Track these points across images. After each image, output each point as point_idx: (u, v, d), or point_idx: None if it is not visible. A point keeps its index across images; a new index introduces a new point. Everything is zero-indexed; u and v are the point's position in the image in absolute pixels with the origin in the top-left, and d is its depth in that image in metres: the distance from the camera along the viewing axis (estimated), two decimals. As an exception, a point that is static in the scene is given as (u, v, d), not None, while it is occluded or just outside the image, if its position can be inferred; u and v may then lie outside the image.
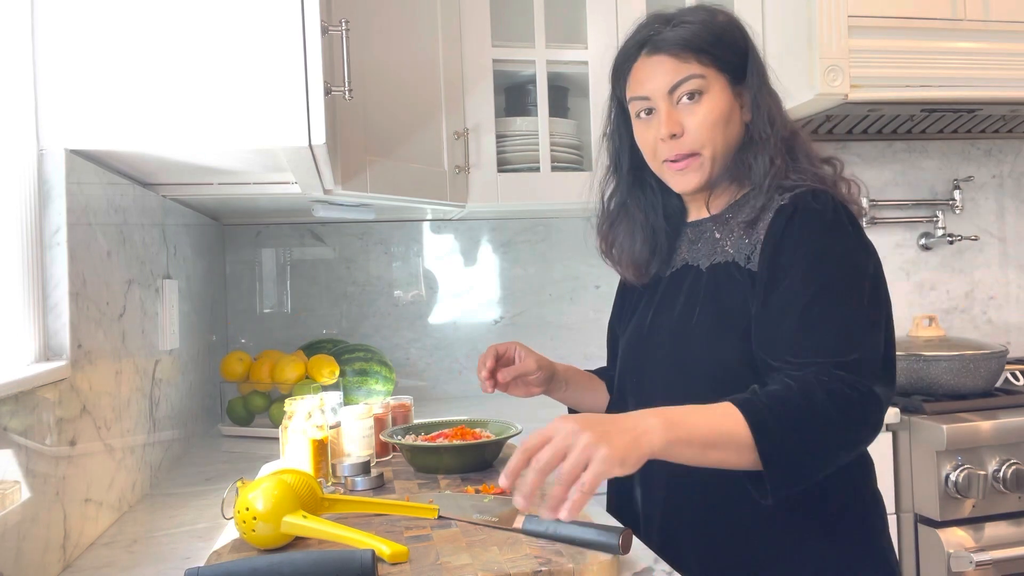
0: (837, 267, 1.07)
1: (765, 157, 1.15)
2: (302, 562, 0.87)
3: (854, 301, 1.05)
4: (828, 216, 1.09)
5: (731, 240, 1.17)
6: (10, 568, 0.90)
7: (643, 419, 0.92)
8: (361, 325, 2.43)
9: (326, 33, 1.23)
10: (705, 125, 1.15)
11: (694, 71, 1.15)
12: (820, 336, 1.03)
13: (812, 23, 2.06)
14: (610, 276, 2.55)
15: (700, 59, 1.15)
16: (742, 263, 1.14)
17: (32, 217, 1.08)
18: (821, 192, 1.11)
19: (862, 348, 1.03)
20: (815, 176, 1.15)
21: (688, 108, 1.16)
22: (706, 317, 1.15)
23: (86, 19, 1.12)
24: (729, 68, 1.17)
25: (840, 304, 1.05)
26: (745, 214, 1.16)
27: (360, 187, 1.70)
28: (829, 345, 1.02)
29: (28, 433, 0.97)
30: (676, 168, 1.19)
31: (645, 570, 0.96)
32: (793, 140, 1.18)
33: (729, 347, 1.12)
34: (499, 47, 2.15)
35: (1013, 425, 1.88)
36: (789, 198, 1.11)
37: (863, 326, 1.05)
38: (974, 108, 2.30)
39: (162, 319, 1.56)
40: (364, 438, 1.42)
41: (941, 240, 2.68)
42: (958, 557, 1.81)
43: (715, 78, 1.16)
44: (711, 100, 1.15)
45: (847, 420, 0.99)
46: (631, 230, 1.30)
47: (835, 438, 1.00)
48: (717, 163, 1.18)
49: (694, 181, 1.18)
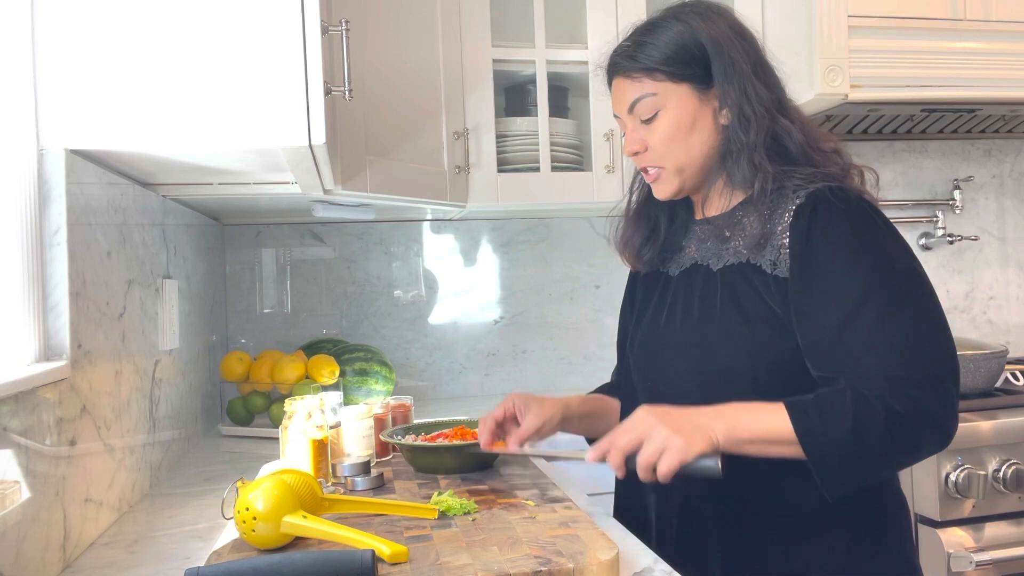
0: (878, 267, 1.04)
1: (743, 162, 1.14)
2: (302, 562, 0.87)
3: (905, 303, 1.03)
4: (854, 211, 1.07)
5: (744, 240, 1.15)
6: (10, 568, 0.90)
7: (709, 419, 1.03)
8: (361, 325, 2.43)
9: (326, 33, 1.23)
10: (662, 142, 1.18)
11: (646, 90, 1.17)
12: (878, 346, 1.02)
13: (812, 23, 2.06)
14: (610, 276, 2.58)
15: (653, 76, 1.17)
16: (767, 268, 1.11)
17: (32, 217, 1.08)
18: (838, 187, 1.10)
19: (923, 359, 1.01)
20: (822, 175, 1.12)
21: (647, 126, 1.19)
22: (724, 321, 1.13)
23: (86, 19, 1.12)
24: (689, 77, 1.16)
25: (893, 310, 1.03)
26: (757, 216, 1.13)
27: (360, 187, 1.70)
28: (887, 358, 1.01)
29: (28, 433, 0.97)
30: (648, 180, 1.24)
31: (645, 570, 0.96)
32: (783, 137, 1.14)
33: (747, 352, 1.11)
34: (499, 47, 2.15)
35: (1013, 425, 1.88)
36: (805, 196, 1.10)
37: (922, 330, 1.03)
38: (974, 108, 2.29)
39: (162, 319, 1.56)
40: (364, 438, 1.42)
41: (941, 240, 2.68)
42: (958, 557, 1.81)
43: (672, 91, 1.16)
44: (667, 115, 1.17)
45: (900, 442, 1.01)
46: (634, 218, 1.33)
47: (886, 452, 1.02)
48: (687, 173, 1.19)
49: (666, 191, 1.22)
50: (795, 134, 1.14)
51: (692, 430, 1.01)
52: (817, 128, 1.20)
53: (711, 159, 1.18)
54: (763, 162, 1.13)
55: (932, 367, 1.02)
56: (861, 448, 1.00)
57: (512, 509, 1.13)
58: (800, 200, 1.10)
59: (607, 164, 2.18)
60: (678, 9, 1.20)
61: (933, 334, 1.04)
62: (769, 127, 1.14)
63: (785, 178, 1.13)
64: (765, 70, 1.18)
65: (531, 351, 2.52)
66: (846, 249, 1.06)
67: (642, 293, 1.34)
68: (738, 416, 1.03)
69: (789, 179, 1.13)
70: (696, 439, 1.00)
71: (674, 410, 1.05)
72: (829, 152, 1.17)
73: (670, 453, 0.99)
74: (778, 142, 1.14)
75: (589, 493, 1.30)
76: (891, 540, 1.13)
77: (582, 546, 0.96)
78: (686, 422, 1.02)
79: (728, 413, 1.04)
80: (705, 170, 1.19)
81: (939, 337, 1.04)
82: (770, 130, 1.14)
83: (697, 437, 1.00)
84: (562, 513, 1.10)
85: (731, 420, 1.03)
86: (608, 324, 2.53)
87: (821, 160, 1.15)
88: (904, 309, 1.03)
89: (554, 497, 1.18)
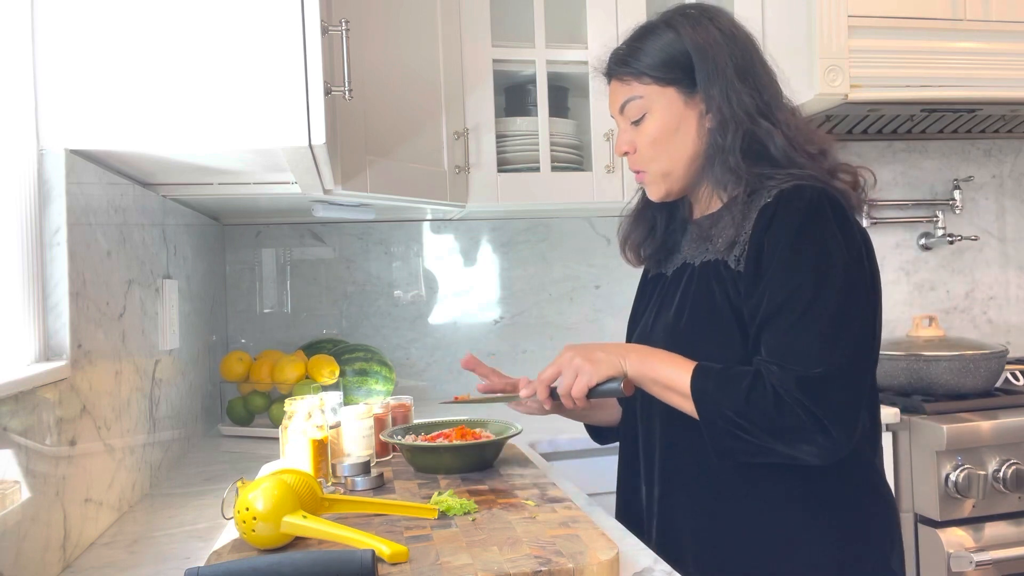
0: (808, 268, 1.08)
1: (718, 165, 1.17)
2: (302, 562, 0.87)
3: (821, 307, 1.06)
4: (805, 210, 1.09)
5: (723, 238, 1.17)
6: (10, 568, 0.90)
7: (626, 351, 1.18)
8: (361, 325, 2.43)
9: (326, 33, 1.23)
10: (648, 144, 1.22)
11: (634, 93, 1.22)
12: (788, 344, 1.06)
13: (812, 23, 2.06)
14: (610, 276, 2.58)
15: (641, 80, 1.21)
16: (732, 264, 1.15)
17: (32, 217, 1.08)
18: (807, 187, 1.11)
19: (827, 362, 1.04)
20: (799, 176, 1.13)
21: (636, 128, 1.23)
22: (693, 317, 1.18)
23: (86, 19, 1.12)
24: (675, 81, 1.19)
25: (808, 310, 1.06)
26: (730, 218, 1.16)
27: (360, 187, 1.70)
28: (795, 354, 1.05)
29: (28, 433, 0.97)
30: (638, 181, 1.29)
31: (645, 570, 0.96)
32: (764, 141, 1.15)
33: (716, 347, 1.14)
34: (499, 47, 2.15)
35: (1013, 425, 1.88)
36: (774, 195, 1.12)
37: (829, 336, 1.05)
38: (974, 108, 2.30)
39: (162, 319, 1.56)
40: (364, 438, 1.42)
41: (941, 240, 2.68)
42: (958, 557, 1.81)
43: (658, 94, 1.20)
44: (653, 118, 1.21)
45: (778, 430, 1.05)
46: (634, 217, 1.37)
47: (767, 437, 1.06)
48: (673, 175, 1.22)
49: (656, 192, 1.26)
50: (777, 137, 1.15)
51: (603, 359, 1.16)
52: (811, 130, 1.21)
53: (696, 162, 1.21)
54: (739, 165, 1.15)
55: (834, 371, 1.05)
56: (741, 423, 1.06)
57: (512, 509, 1.13)
58: (768, 199, 1.12)
59: (607, 164, 2.18)
60: (672, 15, 1.23)
61: (846, 340, 1.06)
62: (748, 130, 1.15)
63: (762, 180, 1.14)
64: (753, 73, 1.18)
65: (531, 351, 2.52)
66: (788, 245, 1.09)
67: (645, 294, 1.38)
68: (652, 357, 1.16)
69: (766, 181, 1.14)
70: (604, 365, 1.15)
71: (593, 344, 1.20)
72: (815, 154, 1.17)
73: (580, 377, 1.15)
74: (759, 145, 1.15)
75: (589, 493, 1.30)
76: (871, 542, 1.14)
77: (582, 546, 0.96)
78: (598, 351, 1.17)
79: (644, 352, 1.17)
80: (691, 173, 1.22)
81: (851, 344, 1.07)
82: (749, 133, 1.15)
83: (605, 364, 1.15)
84: (562, 513, 1.10)
85: (644, 357, 1.16)
86: (608, 324, 2.53)
87: (805, 162, 1.15)
88: (826, 310, 1.06)
89: (554, 497, 1.18)
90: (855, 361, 1.07)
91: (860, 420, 1.07)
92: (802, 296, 1.07)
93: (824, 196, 1.10)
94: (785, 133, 1.16)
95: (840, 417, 1.04)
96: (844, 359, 1.06)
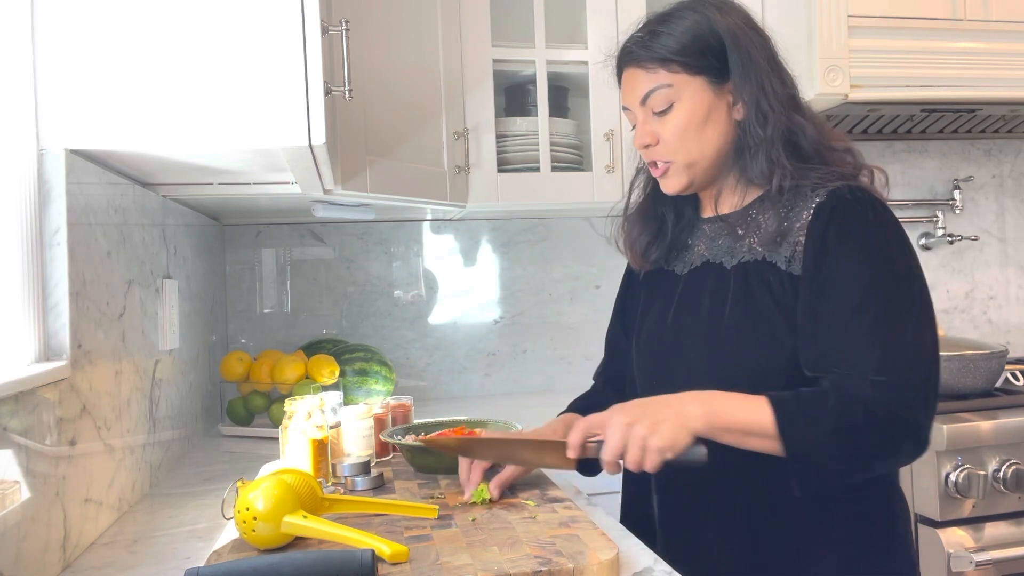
0: (883, 272, 1.05)
1: (761, 157, 1.13)
2: (302, 562, 0.87)
3: (903, 310, 1.04)
4: (870, 213, 1.07)
5: (759, 237, 1.14)
6: (10, 568, 0.90)
7: (685, 406, 1.03)
8: (361, 325, 2.43)
9: (326, 33, 1.23)
10: (674, 135, 1.16)
11: (661, 81, 1.15)
12: (868, 348, 1.02)
13: (812, 23, 2.06)
14: (610, 276, 2.57)
15: (668, 67, 1.15)
16: (782, 265, 1.11)
17: (32, 217, 1.08)
18: (857, 188, 1.09)
19: (910, 366, 1.02)
20: (838, 173, 1.12)
21: (660, 118, 1.16)
22: (738, 319, 1.12)
23: (86, 19, 1.12)
24: (705, 69, 1.14)
25: (889, 315, 1.03)
26: (774, 213, 1.13)
27: (360, 187, 1.70)
28: (877, 361, 1.01)
29: (28, 433, 0.97)
30: (656, 174, 1.21)
31: (645, 570, 0.96)
32: (798, 135, 1.13)
33: (762, 350, 1.10)
34: (499, 47, 2.15)
35: (1013, 425, 1.88)
36: (825, 195, 1.09)
37: (912, 338, 1.03)
38: (974, 108, 2.30)
39: (162, 319, 1.56)
40: (364, 438, 1.42)
41: (941, 240, 2.68)
42: (958, 557, 1.81)
43: (687, 83, 1.14)
44: (682, 108, 1.15)
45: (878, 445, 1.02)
46: (639, 216, 1.31)
47: (865, 454, 1.02)
48: (698, 167, 1.17)
49: (675, 185, 1.20)
50: (809, 132, 1.14)
51: (670, 427, 1.00)
52: (829, 127, 1.19)
53: (723, 154, 1.17)
54: (781, 158, 1.12)
55: (918, 376, 1.03)
56: (840, 448, 1.01)
57: (512, 509, 1.13)
58: (820, 198, 1.10)
59: (607, 164, 2.18)
60: (694, 1, 1.18)
61: (925, 344, 1.05)
62: (785, 123, 1.13)
63: (802, 175, 1.12)
64: (779, 67, 1.17)
65: (531, 351, 2.52)
66: (857, 250, 1.06)
67: (645, 292, 1.32)
68: (719, 404, 1.03)
69: (806, 177, 1.12)
70: (676, 435, 1.00)
71: (648, 403, 1.05)
72: (842, 151, 1.16)
73: (651, 455, 1.00)
74: (793, 139, 1.13)
75: (589, 493, 1.30)
76: (896, 538, 1.13)
77: (582, 546, 0.96)
78: (659, 414, 1.01)
79: (708, 400, 1.04)
80: (716, 165, 1.18)
81: (930, 347, 1.05)
82: (786, 126, 1.13)
83: (668, 425, 1.00)
84: (562, 513, 1.10)
85: (710, 407, 1.03)
86: (608, 324, 2.53)
87: (834, 159, 1.14)
88: (902, 315, 1.04)
89: (554, 497, 1.18)
90: (928, 357, 1.04)
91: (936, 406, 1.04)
92: (884, 302, 1.03)
93: (874, 196, 1.09)
94: (815, 128, 1.15)
95: (929, 421, 1.02)
96: (934, 362, 1.04)
